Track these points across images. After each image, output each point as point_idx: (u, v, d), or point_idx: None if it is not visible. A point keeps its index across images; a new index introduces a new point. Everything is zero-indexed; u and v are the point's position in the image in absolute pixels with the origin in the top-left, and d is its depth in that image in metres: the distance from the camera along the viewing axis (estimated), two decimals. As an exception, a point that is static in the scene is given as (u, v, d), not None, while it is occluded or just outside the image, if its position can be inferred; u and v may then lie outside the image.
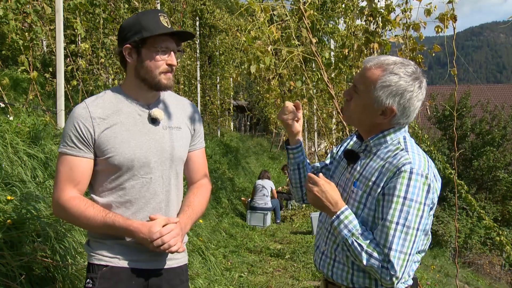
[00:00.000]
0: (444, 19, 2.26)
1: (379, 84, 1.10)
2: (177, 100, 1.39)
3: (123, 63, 1.30)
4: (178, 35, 1.29)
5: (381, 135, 1.15)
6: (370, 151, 1.16)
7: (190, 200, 1.34)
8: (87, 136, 1.21)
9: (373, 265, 1.07)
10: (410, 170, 1.05)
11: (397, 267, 1.05)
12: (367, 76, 1.12)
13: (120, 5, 4.82)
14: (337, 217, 1.12)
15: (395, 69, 1.10)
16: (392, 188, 1.06)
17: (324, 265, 1.20)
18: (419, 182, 1.05)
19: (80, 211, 1.20)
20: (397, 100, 1.10)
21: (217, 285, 3.25)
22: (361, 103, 1.14)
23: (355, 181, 1.15)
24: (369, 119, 1.15)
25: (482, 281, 8.46)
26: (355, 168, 1.17)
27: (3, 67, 4.79)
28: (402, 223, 1.05)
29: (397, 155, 1.10)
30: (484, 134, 13.92)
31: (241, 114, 15.33)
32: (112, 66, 4.85)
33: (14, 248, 1.72)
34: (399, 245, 1.05)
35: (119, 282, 1.23)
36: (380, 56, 1.16)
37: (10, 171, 2.20)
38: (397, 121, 1.14)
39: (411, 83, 1.10)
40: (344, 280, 1.16)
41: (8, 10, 3.07)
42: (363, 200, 1.12)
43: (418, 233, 1.07)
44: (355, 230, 1.09)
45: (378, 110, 1.12)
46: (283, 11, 3.19)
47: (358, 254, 1.08)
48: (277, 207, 6.87)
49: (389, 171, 1.08)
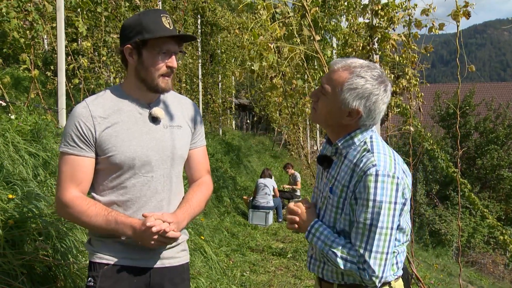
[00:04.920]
0: (458, 15, 2.23)
1: (346, 87, 1.12)
2: (177, 98, 1.39)
3: (124, 62, 1.29)
4: (182, 37, 1.28)
5: (349, 137, 1.17)
6: (341, 153, 1.19)
7: (189, 196, 1.35)
8: (88, 135, 1.21)
9: (351, 268, 1.10)
10: (375, 172, 1.08)
11: (375, 267, 1.08)
12: (334, 78, 1.15)
13: (121, 3, 4.80)
14: (309, 232, 1.18)
15: (361, 72, 1.12)
16: (363, 192, 1.09)
17: (314, 268, 1.25)
18: (386, 183, 1.08)
19: (82, 210, 1.20)
20: (363, 103, 1.13)
21: (219, 284, 3.24)
22: (328, 104, 1.16)
23: (331, 186, 1.18)
24: (336, 120, 1.17)
25: (486, 280, 8.42)
26: (330, 173, 1.20)
27: (5, 65, 4.79)
28: (375, 224, 1.07)
29: (363, 157, 1.12)
30: (488, 133, 13.85)
31: (243, 112, 15.32)
32: (114, 64, 4.84)
33: (16, 246, 1.71)
34: (374, 246, 1.08)
35: (121, 280, 1.23)
36: (347, 58, 1.18)
37: (12, 169, 2.20)
38: (363, 123, 1.16)
39: (377, 86, 1.13)
40: (335, 280, 1.19)
41: (10, 8, 3.07)
42: (340, 205, 1.15)
43: (393, 232, 1.10)
44: (327, 239, 1.14)
45: (345, 111, 1.14)
46: (285, 8, 3.16)
47: (334, 261, 1.12)
48: (279, 206, 6.87)
49: (357, 175, 1.11)
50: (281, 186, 7.99)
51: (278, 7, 3.04)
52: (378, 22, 2.91)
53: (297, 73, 4.24)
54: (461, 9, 2.20)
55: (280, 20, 3.02)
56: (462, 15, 2.22)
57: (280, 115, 8.18)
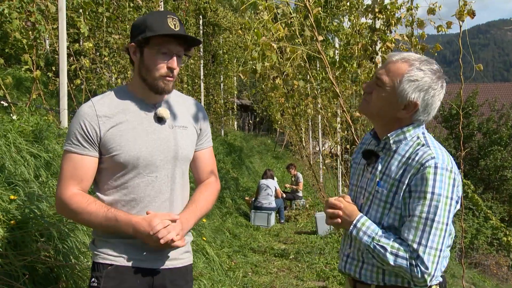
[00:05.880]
0: (463, 15, 2.21)
1: (405, 78, 1.10)
2: (183, 99, 1.39)
3: (132, 61, 1.30)
4: (185, 39, 1.26)
5: (401, 131, 1.14)
6: (389, 149, 1.15)
7: (196, 197, 1.34)
8: (92, 135, 1.21)
9: (401, 265, 1.04)
10: (434, 165, 1.05)
11: (429, 263, 1.03)
12: (393, 69, 1.12)
13: (125, 3, 4.81)
14: (354, 226, 1.13)
15: (421, 65, 1.11)
16: (419, 185, 1.05)
17: (351, 268, 1.19)
18: (445, 177, 1.05)
19: (82, 207, 1.20)
20: (422, 96, 1.10)
21: (221, 285, 3.23)
22: (384, 96, 1.13)
23: (378, 181, 1.14)
24: (390, 113, 1.14)
25: (489, 282, 8.37)
26: (376, 168, 1.16)
27: (6, 66, 4.80)
28: (432, 218, 1.03)
29: (419, 150, 1.09)
30: (491, 133, 13.76)
31: (244, 113, 15.32)
32: (116, 65, 4.85)
33: (17, 247, 1.71)
34: (429, 241, 1.03)
35: (124, 281, 1.22)
36: (403, 52, 1.16)
37: (13, 170, 2.20)
38: (417, 117, 1.13)
39: (436, 81, 1.11)
40: (374, 281, 1.14)
41: (12, 9, 3.07)
42: (389, 199, 1.11)
43: (447, 228, 1.06)
44: (375, 234, 1.09)
45: (401, 104, 1.12)
46: (287, 9, 3.15)
47: (383, 257, 1.06)
48: (281, 207, 6.85)
49: (413, 168, 1.07)
50: (283, 185, 7.97)
51: (280, 7, 3.03)
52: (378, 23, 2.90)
53: (299, 74, 4.23)
54: (465, 8, 2.18)
55: (282, 21, 3.01)
56: (467, 15, 2.20)
57: (282, 116, 8.17)
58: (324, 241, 5.33)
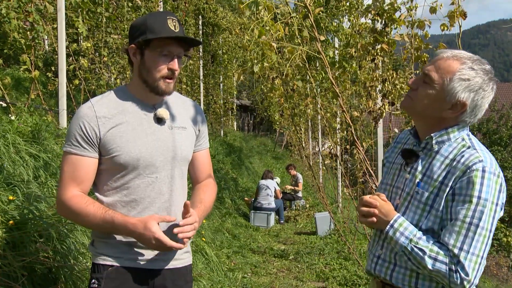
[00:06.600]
0: (454, 16, 2.20)
1: (457, 76, 1.05)
2: (182, 100, 1.39)
3: (131, 62, 1.30)
4: (184, 40, 1.26)
5: (445, 132, 1.09)
6: (431, 149, 1.10)
7: (201, 196, 1.35)
8: (92, 136, 1.21)
9: (440, 269, 1.00)
10: (482, 168, 1.01)
11: (469, 270, 0.98)
12: (443, 66, 1.06)
13: (123, 3, 4.80)
14: (391, 226, 1.08)
15: (474, 64, 1.06)
16: (465, 188, 1.01)
17: (382, 270, 1.14)
18: (492, 181, 1.01)
19: (81, 209, 1.20)
20: (472, 96, 1.05)
21: (220, 286, 3.23)
22: (431, 93, 1.07)
23: (418, 182, 1.09)
24: (436, 112, 1.08)
25: (489, 282, 8.36)
26: (416, 168, 1.11)
27: (5, 66, 4.80)
28: (476, 223, 0.99)
29: (464, 153, 1.05)
30: (491, 134, 13.78)
31: (244, 113, 15.32)
32: (115, 65, 4.84)
33: (16, 248, 1.71)
34: (472, 247, 0.99)
35: (125, 282, 1.23)
36: (452, 49, 1.10)
37: (12, 171, 2.19)
38: (463, 119, 1.08)
39: (487, 82, 1.06)
40: (406, 285, 1.09)
41: (10, 9, 3.06)
42: (429, 201, 1.06)
43: (491, 235, 1.02)
44: (413, 236, 1.05)
45: (449, 103, 1.06)
46: (287, 9, 3.15)
47: (421, 260, 1.02)
48: (280, 207, 6.84)
49: (458, 170, 1.03)
50: (283, 186, 7.97)
51: (279, 7, 3.02)
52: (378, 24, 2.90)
53: (298, 74, 4.23)
54: (457, 9, 2.17)
55: (281, 21, 3.00)
56: (459, 16, 2.18)
57: (282, 116, 8.17)
58: (324, 241, 5.33)
